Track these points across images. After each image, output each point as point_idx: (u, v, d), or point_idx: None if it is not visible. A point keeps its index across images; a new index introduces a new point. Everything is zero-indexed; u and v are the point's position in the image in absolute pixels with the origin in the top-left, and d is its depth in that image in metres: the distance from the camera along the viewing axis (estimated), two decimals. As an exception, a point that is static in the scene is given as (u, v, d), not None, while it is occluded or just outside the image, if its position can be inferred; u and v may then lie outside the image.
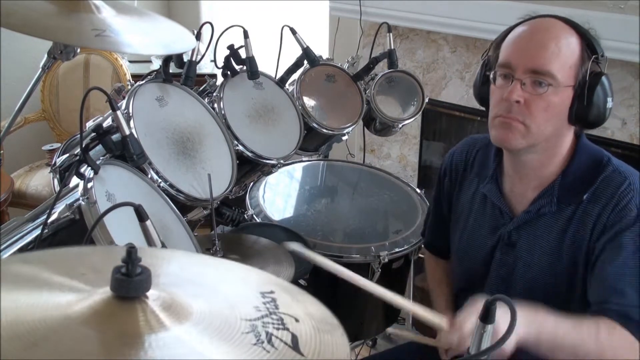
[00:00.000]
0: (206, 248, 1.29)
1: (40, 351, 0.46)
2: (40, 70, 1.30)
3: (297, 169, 2.10)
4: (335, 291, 1.73)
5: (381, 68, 1.87)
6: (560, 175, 1.19)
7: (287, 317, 0.55)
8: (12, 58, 2.87)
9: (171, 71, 1.40)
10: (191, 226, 1.28)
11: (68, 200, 1.08)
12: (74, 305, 0.51)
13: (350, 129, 1.76)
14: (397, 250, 1.68)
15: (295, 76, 1.71)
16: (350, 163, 2.26)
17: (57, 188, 1.18)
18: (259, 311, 0.54)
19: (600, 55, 1.12)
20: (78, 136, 1.09)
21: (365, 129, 2.00)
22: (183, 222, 1.23)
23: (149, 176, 1.21)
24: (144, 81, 1.36)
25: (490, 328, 0.77)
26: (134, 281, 0.52)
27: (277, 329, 0.53)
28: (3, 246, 1.05)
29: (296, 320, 0.54)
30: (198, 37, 1.45)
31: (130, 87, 1.33)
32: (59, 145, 1.55)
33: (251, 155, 1.47)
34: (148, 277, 0.53)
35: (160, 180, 1.22)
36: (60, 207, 1.04)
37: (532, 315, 1.04)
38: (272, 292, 0.58)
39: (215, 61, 1.55)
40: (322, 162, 2.18)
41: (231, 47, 1.51)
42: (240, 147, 1.45)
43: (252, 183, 1.87)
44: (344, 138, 1.85)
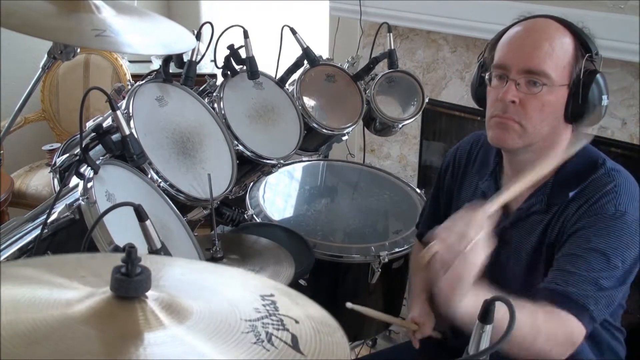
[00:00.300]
0: (206, 248, 1.29)
1: (40, 350, 0.46)
2: (40, 70, 1.30)
3: (297, 169, 2.10)
4: (335, 291, 1.74)
5: (381, 68, 1.87)
6: (554, 174, 1.19)
7: (287, 319, 0.55)
8: (12, 58, 2.87)
9: (171, 71, 1.40)
10: (191, 226, 1.28)
11: (68, 200, 1.07)
12: (74, 304, 0.51)
13: (350, 129, 1.76)
14: (397, 250, 1.68)
15: (295, 76, 1.71)
16: (350, 163, 2.26)
17: (57, 188, 1.18)
18: (259, 312, 0.55)
19: (594, 53, 1.13)
20: (78, 136, 1.09)
21: (365, 129, 2.00)
22: (183, 222, 1.23)
23: (149, 176, 1.21)
24: (144, 81, 1.36)
25: (489, 328, 0.77)
26: (134, 281, 0.52)
27: (277, 330, 0.53)
28: (3, 246, 1.05)
29: (296, 321, 0.55)
30: (198, 37, 1.45)
31: (130, 87, 1.33)
32: (59, 145, 1.55)
33: (251, 155, 1.47)
34: (148, 277, 0.53)
35: (160, 180, 1.22)
36: (60, 207, 1.04)
37: (478, 289, 0.99)
38: (272, 295, 0.58)
39: (215, 61, 1.55)
40: (322, 162, 2.18)
41: (231, 47, 1.51)
42: (240, 147, 1.45)
43: (252, 183, 1.87)
44: (344, 138, 1.86)
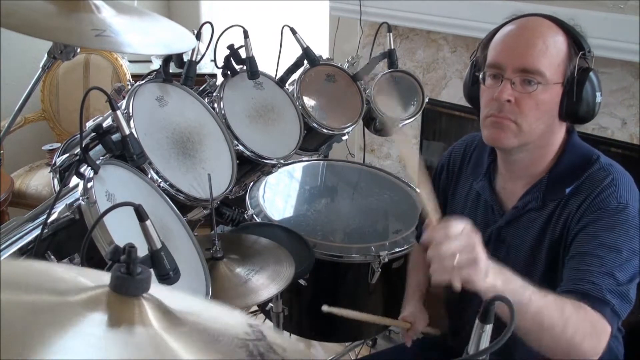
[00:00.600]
0: (206, 248, 1.29)
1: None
2: (40, 70, 1.30)
3: (297, 169, 2.10)
4: (335, 291, 1.74)
5: (381, 68, 1.87)
6: (548, 172, 1.20)
7: (276, 346, 0.56)
8: (12, 58, 2.87)
9: (171, 71, 1.40)
10: (191, 226, 1.28)
11: (68, 200, 1.07)
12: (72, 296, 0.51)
13: (350, 129, 1.76)
14: (397, 250, 1.68)
15: (295, 76, 1.71)
16: (350, 163, 2.26)
17: (57, 188, 1.18)
18: (249, 335, 0.56)
19: (587, 51, 1.13)
20: (78, 136, 1.09)
21: (365, 129, 2.00)
22: (183, 222, 1.23)
23: (149, 176, 1.21)
24: (144, 81, 1.36)
25: (489, 328, 0.77)
26: (135, 280, 0.52)
27: (268, 352, 0.54)
28: (3, 246, 1.05)
29: (284, 349, 0.56)
30: (198, 37, 1.45)
31: (130, 87, 1.33)
32: (59, 145, 1.55)
33: (251, 155, 1.47)
34: (148, 277, 0.53)
35: (160, 180, 1.22)
36: (60, 207, 1.04)
37: (502, 270, 0.99)
38: (259, 326, 0.59)
39: (215, 61, 1.55)
40: (322, 162, 2.18)
41: (231, 47, 1.51)
42: (240, 147, 1.45)
43: (252, 183, 1.87)
44: (344, 138, 1.86)
